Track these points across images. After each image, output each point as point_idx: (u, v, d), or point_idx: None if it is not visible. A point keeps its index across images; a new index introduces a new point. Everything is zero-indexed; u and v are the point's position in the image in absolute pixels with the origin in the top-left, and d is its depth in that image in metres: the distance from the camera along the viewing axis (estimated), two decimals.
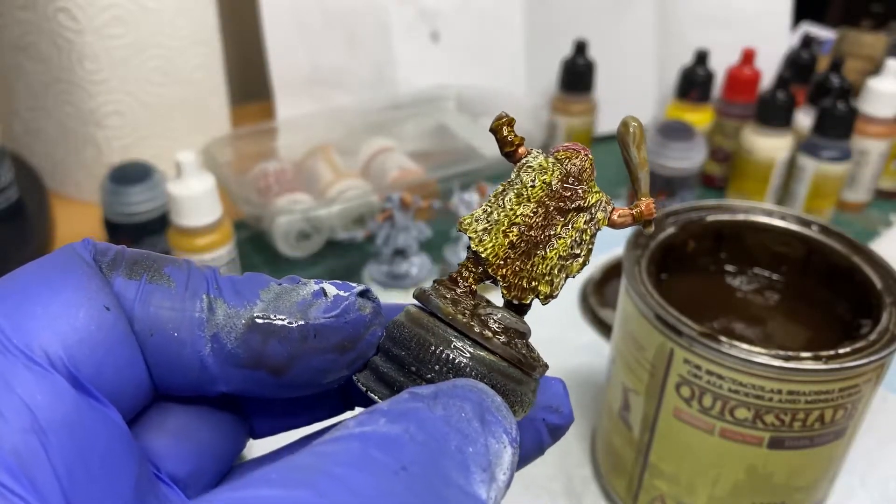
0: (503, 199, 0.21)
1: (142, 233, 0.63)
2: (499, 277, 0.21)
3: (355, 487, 0.14)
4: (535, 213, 0.21)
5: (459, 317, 0.19)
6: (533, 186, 0.21)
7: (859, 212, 0.85)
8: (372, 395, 0.19)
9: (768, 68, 0.92)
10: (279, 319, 0.18)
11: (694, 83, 0.85)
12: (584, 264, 0.21)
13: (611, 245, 0.72)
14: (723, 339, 0.37)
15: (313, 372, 0.19)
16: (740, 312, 0.46)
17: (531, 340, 0.21)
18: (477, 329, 0.19)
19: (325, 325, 0.18)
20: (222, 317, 0.18)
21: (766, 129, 0.77)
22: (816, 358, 0.36)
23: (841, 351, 0.37)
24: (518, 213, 0.21)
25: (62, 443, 0.15)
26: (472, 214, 0.21)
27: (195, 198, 0.57)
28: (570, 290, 0.67)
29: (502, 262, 0.21)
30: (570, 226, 0.21)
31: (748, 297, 0.47)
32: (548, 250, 0.21)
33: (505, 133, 0.21)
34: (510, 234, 0.21)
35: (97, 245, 0.18)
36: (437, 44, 0.90)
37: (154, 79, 0.74)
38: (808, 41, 0.93)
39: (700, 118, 0.84)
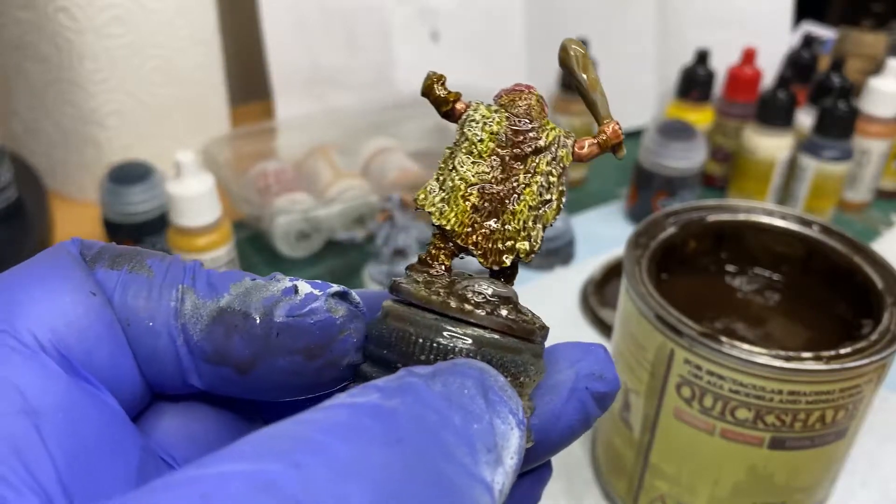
0: (454, 163, 0.19)
1: (141, 233, 0.63)
2: (470, 246, 0.19)
3: (339, 459, 0.12)
4: (491, 168, 0.19)
5: (434, 297, 0.17)
6: (481, 140, 0.19)
7: (860, 212, 0.85)
8: None
9: (769, 68, 0.92)
10: (241, 314, 0.17)
11: (694, 83, 0.84)
12: (559, 209, 0.19)
13: (611, 245, 0.72)
14: (723, 339, 0.37)
15: (280, 374, 0.18)
16: (741, 312, 0.46)
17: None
18: (454, 305, 0.17)
19: (288, 325, 0.17)
20: (190, 307, 0.17)
21: (766, 128, 0.77)
22: (817, 358, 0.36)
23: (842, 351, 0.37)
24: (473, 172, 0.19)
25: (56, 426, 0.15)
26: (426, 187, 0.19)
27: (194, 198, 0.57)
28: (570, 290, 0.67)
29: (470, 230, 0.19)
30: (532, 171, 0.19)
31: (749, 297, 0.47)
32: (516, 204, 0.19)
33: (437, 92, 0.19)
34: (470, 198, 0.19)
35: (84, 241, 0.18)
36: (437, 43, 0.89)
37: (154, 79, 0.74)
38: (808, 41, 0.93)
39: (700, 118, 0.84)
